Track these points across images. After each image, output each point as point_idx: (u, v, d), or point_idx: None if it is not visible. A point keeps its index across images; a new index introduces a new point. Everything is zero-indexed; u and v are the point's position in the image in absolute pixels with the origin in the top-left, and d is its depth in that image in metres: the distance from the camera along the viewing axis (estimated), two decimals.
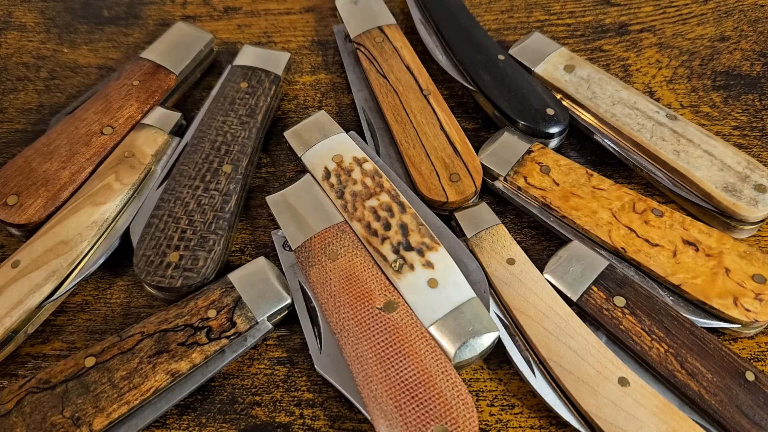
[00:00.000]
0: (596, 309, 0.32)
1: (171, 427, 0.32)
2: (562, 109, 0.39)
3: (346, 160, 0.37)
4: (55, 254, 0.34)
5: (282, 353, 0.34)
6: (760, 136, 0.41)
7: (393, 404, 0.29)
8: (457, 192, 0.36)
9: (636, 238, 0.34)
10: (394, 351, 0.31)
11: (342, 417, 0.32)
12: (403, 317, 0.32)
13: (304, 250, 0.34)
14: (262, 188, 0.40)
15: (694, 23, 0.46)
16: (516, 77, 0.41)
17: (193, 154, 0.38)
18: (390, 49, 0.43)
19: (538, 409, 0.32)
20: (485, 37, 0.43)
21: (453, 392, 0.29)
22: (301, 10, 0.49)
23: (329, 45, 0.47)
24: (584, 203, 0.36)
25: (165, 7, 0.49)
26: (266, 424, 0.32)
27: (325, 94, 0.44)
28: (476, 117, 0.43)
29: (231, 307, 0.33)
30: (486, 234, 0.35)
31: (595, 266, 0.34)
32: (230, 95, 0.41)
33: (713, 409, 0.29)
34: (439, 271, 0.33)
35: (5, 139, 0.42)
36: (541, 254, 0.37)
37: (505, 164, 0.38)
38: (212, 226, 0.35)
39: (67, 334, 0.35)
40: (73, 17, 0.49)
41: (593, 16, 0.47)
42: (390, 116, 0.40)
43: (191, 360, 0.31)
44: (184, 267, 0.34)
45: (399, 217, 0.35)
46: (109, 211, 0.35)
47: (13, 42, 0.47)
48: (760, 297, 0.32)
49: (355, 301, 0.32)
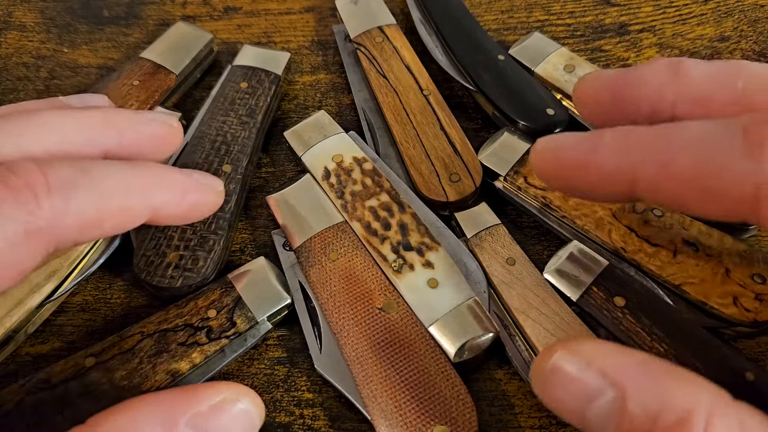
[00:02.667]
0: (596, 309, 0.32)
1: None
2: (562, 109, 0.39)
3: (346, 160, 0.37)
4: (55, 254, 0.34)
5: (282, 353, 0.34)
6: None
7: (393, 404, 0.29)
8: (457, 192, 0.36)
9: (636, 238, 0.34)
10: (393, 351, 0.31)
11: (342, 417, 0.32)
12: (403, 317, 0.32)
13: (304, 250, 0.34)
14: (262, 188, 0.40)
15: (694, 23, 0.46)
16: (516, 77, 0.41)
17: (193, 154, 0.38)
18: (390, 49, 0.43)
19: (538, 409, 0.32)
20: (485, 37, 0.43)
21: (453, 392, 0.29)
22: (301, 10, 0.49)
23: (329, 45, 0.47)
24: (584, 203, 0.36)
25: (165, 7, 0.49)
26: (266, 424, 0.32)
27: (325, 94, 0.44)
28: (476, 117, 0.43)
29: (231, 307, 0.33)
30: (486, 234, 0.35)
31: (595, 266, 0.34)
32: (230, 95, 0.41)
33: None
34: (439, 271, 0.33)
35: None
36: (541, 254, 0.37)
37: (505, 164, 0.38)
38: (212, 226, 0.35)
39: (67, 334, 0.35)
40: (73, 17, 0.49)
41: (593, 16, 0.47)
42: (390, 116, 0.40)
43: (191, 360, 0.31)
44: (184, 267, 0.34)
45: (399, 217, 0.35)
46: None
47: (13, 42, 0.47)
48: (760, 297, 0.32)
49: (355, 301, 0.32)
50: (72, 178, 0.24)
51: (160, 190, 0.28)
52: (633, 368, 0.23)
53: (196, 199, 0.29)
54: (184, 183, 0.29)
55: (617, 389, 0.22)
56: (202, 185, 0.30)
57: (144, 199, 0.27)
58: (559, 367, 0.24)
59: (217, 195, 0.31)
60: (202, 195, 0.30)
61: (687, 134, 0.24)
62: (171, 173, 0.29)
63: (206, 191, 0.30)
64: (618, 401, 0.22)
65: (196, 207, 0.30)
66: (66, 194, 0.24)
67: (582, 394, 0.23)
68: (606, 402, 0.22)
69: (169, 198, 0.28)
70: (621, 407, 0.22)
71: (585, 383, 0.23)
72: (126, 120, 0.29)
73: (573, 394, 0.23)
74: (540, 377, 0.24)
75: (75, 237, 0.25)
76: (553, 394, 0.24)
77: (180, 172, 0.29)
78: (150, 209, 0.27)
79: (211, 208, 0.31)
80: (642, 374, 0.22)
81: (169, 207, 0.28)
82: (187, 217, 0.30)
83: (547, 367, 0.24)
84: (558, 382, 0.23)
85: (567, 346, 0.24)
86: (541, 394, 0.24)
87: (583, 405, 0.23)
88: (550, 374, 0.24)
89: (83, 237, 0.25)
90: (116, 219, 0.26)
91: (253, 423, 0.26)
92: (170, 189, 0.28)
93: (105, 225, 0.26)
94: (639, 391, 0.22)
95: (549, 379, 0.24)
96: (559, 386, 0.23)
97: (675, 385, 0.22)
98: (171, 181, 0.28)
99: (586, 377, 0.23)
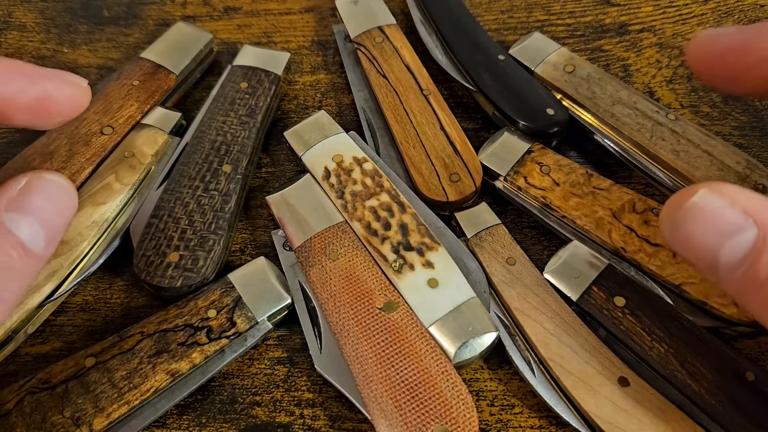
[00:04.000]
0: (596, 309, 0.32)
1: (171, 427, 0.32)
2: (562, 109, 0.39)
3: (346, 160, 0.37)
4: (55, 254, 0.34)
5: (282, 353, 0.34)
6: (760, 136, 0.41)
7: (393, 404, 0.29)
8: (457, 192, 0.36)
9: (636, 238, 0.34)
10: (394, 351, 0.31)
11: (342, 417, 0.32)
12: (403, 317, 0.32)
13: (304, 250, 0.34)
14: (262, 188, 0.40)
15: (694, 23, 0.46)
16: (516, 77, 0.41)
17: (193, 154, 0.38)
18: (390, 49, 0.43)
19: (538, 409, 0.32)
20: (485, 37, 0.43)
21: (453, 392, 0.29)
22: (301, 10, 0.49)
23: (329, 45, 0.47)
24: (584, 203, 0.36)
25: (165, 7, 0.49)
26: (266, 424, 0.32)
27: (325, 94, 0.44)
28: (476, 117, 0.43)
29: (231, 307, 0.33)
30: (486, 234, 0.35)
31: (595, 266, 0.34)
32: (230, 95, 0.41)
33: (713, 409, 0.29)
34: (439, 271, 0.33)
35: (5, 139, 0.42)
36: (541, 254, 0.37)
37: (505, 164, 0.38)
38: (212, 226, 0.35)
39: (67, 334, 0.35)
40: (73, 17, 0.49)
41: (593, 16, 0.47)
42: (390, 116, 0.40)
43: (191, 360, 0.31)
44: (184, 267, 0.34)
45: (399, 217, 0.35)
46: (109, 211, 0.35)
47: (13, 42, 0.47)
48: None
49: (355, 301, 0.32)
50: None
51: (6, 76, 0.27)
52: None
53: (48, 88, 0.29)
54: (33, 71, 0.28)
55: (760, 227, 0.22)
56: (55, 74, 0.29)
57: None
58: (701, 205, 0.24)
59: (74, 87, 0.30)
60: (56, 85, 0.29)
61: None
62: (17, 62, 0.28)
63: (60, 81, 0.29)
64: (759, 240, 0.22)
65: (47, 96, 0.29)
66: None
67: (723, 230, 0.23)
68: (746, 239, 0.23)
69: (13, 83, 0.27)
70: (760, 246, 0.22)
71: (728, 220, 0.23)
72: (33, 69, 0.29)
73: (713, 230, 0.23)
74: (676, 214, 0.24)
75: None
76: (690, 230, 0.24)
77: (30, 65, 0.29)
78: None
79: (69, 101, 0.29)
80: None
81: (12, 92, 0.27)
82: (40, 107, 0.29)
83: (687, 204, 0.24)
84: (697, 218, 0.24)
85: (710, 186, 0.24)
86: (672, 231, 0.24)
87: (721, 241, 0.23)
88: (689, 210, 0.24)
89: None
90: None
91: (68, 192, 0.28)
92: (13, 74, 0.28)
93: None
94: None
95: (687, 215, 0.24)
96: (698, 222, 0.24)
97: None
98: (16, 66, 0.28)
99: (729, 214, 0.23)
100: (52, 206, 0.27)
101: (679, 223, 0.24)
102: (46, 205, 0.27)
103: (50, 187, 0.28)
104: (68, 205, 0.28)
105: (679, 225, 0.24)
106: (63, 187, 0.28)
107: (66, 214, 0.28)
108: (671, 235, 0.25)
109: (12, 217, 0.26)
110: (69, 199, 0.28)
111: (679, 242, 0.24)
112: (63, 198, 0.28)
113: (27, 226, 0.26)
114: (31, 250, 0.26)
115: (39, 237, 0.27)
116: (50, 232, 0.27)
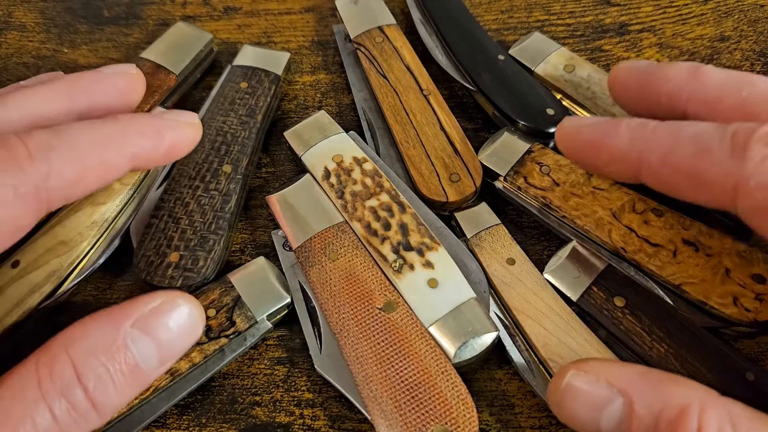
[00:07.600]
0: (596, 309, 0.32)
1: (171, 427, 0.32)
2: (562, 109, 0.39)
3: (346, 160, 0.37)
4: (55, 254, 0.34)
5: (282, 353, 0.34)
6: None
7: (393, 404, 0.29)
8: (457, 192, 0.36)
9: (636, 238, 0.34)
10: (394, 351, 0.31)
11: (342, 417, 0.32)
12: (403, 317, 0.32)
13: (304, 250, 0.34)
14: (262, 188, 0.40)
15: (694, 23, 0.46)
16: (516, 77, 0.41)
17: (193, 154, 0.38)
18: (390, 49, 0.43)
19: (538, 409, 0.32)
20: (485, 37, 0.43)
21: (453, 392, 0.29)
22: (301, 10, 0.49)
23: (329, 45, 0.47)
24: (584, 203, 0.36)
25: (165, 7, 0.49)
26: (266, 424, 0.32)
27: (325, 94, 0.44)
28: (476, 117, 0.43)
29: (230, 307, 0.33)
30: (486, 234, 0.35)
31: (595, 266, 0.34)
32: (230, 95, 0.41)
33: None
34: (439, 271, 0.33)
35: None
36: (541, 254, 0.37)
37: (505, 164, 0.38)
38: (212, 226, 0.35)
39: None
40: (73, 17, 0.49)
41: (593, 16, 0.47)
42: (390, 116, 0.40)
43: (191, 359, 0.31)
44: (184, 267, 0.34)
45: (399, 217, 0.35)
46: (109, 211, 0.35)
47: (13, 42, 0.47)
48: (760, 297, 0.32)
49: (355, 301, 0.32)
50: (48, 141, 0.26)
51: (134, 137, 0.29)
52: (635, 377, 0.26)
53: (174, 137, 0.31)
54: (158, 125, 0.30)
55: (624, 395, 0.25)
56: (175, 123, 0.31)
57: (120, 149, 0.29)
58: (572, 384, 0.27)
59: (194, 128, 0.32)
60: (179, 132, 0.31)
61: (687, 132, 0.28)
62: (142, 119, 0.30)
63: (182, 128, 0.31)
64: (626, 406, 0.25)
65: (175, 145, 0.31)
66: (45, 157, 0.26)
67: (595, 404, 0.26)
68: (616, 408, 0.25)
69: (146, 143, 0.30)
70: (629, 411, 0.25)
71: (597, 394, 0.26)
72: (88, 80, 0.31)
73: (588, 406, 0.26)
74: (556, 396, 0.27)
75: (64, 194, 0.27)
76: (570, 409, 0.27)
77: (152, 116, 0.31)
78: (129, 157, 0.29)
79: (191, 143, 0.32)
80: (643, 381, 0.26)
81: (148, 151, 0.30)
82: (169, 156, 0.31)
83: (562, 386, 0.27)
84: (573, 397, 0.26)
85: (577, 366, 0.27)
86: (558, 410, 0.27)
87: (597, 414, 0.26)
88: (565, 392, 0.27)
89: (71, 193, 0.27)
90: (97, 172, 0.28)
91: (194, 321, 0.29)
92: (144, 134, 0.30)
93: (88, 179, 0.28)
94: (643, 396, 0.25)
95: (565, 396, 0.27)
96: (575, 400, 0.26)
97: (671, 387, 0.25)
98: (143, 126, 0.30)
99: (597, 389, 0.26)
100: (176, 333, 0.28)
101: (560, 404, 0.27)
102: (170, 332, 0.28)
103: (181, 314, 0.29)
104: (193, 333, 0.29)
105: (561, 405, 0.27)
106: (193, 317, 0.29)
107: (187, 342, 0.29)
108: (559, 416, 0.27)
109: (134, 335, 0.27)
110: (194, 328, 0.29)
111: (567, 420, 0.27)
112: (189, 327, 0.29)
113: (145, 345, 0.27)
114: (141, 368, 0.27)
115: (153, 359, 0.28)
116: (165, 356, 0.28)
